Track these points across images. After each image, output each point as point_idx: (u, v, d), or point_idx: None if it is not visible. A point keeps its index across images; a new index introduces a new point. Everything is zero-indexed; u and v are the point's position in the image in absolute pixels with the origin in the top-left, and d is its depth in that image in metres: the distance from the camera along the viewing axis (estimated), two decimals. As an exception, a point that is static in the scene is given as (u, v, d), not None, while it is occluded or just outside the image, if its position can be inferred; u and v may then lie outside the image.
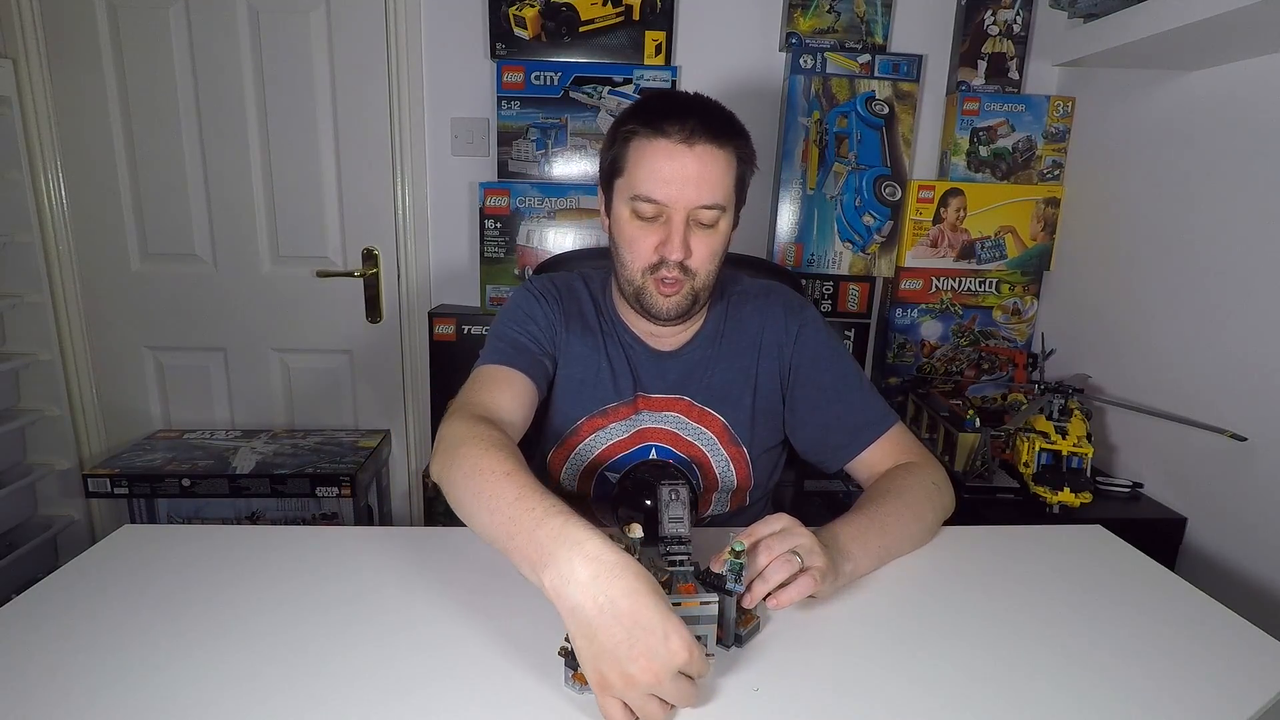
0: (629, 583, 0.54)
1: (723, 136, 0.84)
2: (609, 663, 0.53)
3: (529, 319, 0.95)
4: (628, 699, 0.53)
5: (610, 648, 0.52)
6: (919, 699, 0.60)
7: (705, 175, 0.83)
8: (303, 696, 0.58)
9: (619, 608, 0.53)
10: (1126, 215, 1.48)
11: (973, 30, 1.67)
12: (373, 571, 0.77)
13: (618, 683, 0.53)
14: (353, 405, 1.93)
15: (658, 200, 0.83)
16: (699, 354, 0.97)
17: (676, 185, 0.82)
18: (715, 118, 0.85)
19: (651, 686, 0.52)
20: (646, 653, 0.52)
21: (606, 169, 0.90)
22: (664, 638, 0.52)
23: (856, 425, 0.93)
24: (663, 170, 0.83)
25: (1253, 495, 1.17)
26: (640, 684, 0.52)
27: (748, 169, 0.89)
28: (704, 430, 0.96)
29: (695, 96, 0.88)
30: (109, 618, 0.67)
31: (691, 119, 0.82)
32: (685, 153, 0.82)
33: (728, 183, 0.85)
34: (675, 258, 0.84)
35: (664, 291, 0.87)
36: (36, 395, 1.82)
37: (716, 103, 0.88)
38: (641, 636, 0.52)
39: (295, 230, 1.81)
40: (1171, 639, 0.69)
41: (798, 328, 0.97)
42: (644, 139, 0.84)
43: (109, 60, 1.71)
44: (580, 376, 0.96)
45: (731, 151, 0.85)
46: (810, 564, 0.68)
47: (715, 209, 0.84)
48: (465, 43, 1.69)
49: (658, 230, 0.85)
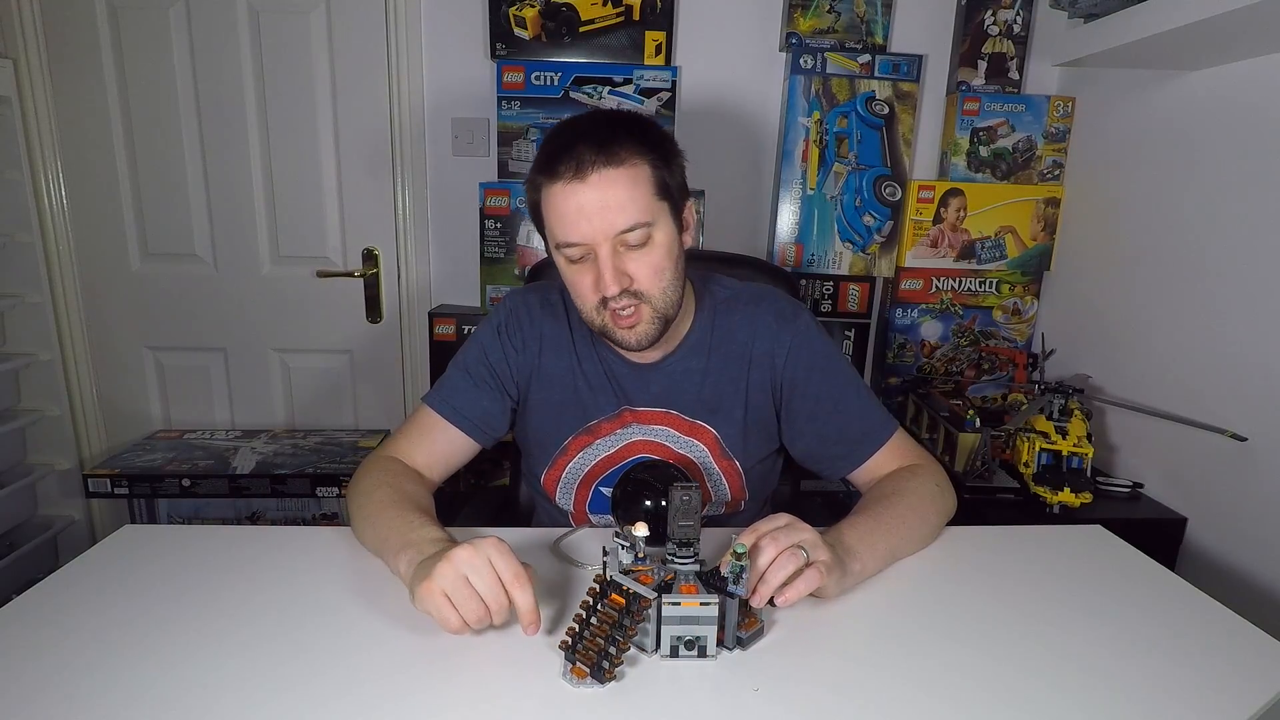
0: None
1: (617, 154, 0.79)
2: (439, 568, 0.63)
3: (485, 358, 0.95)
4: (448, 587, 0.63)
5: (440, 554, 0.65)
6: (919, 699, 0.60)
7: (609, 201, 0.79)
8: (303, 696, 0.58)
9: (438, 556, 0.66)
10: (1126, 215, 1.48)
11: (973, 30, 1.67)
12: (373, 572, 0.77)
13: (439, 573, 0.63)
14: (353, 405, 1.93)
15: (575, 242, 0.81)
16: (684, 365, 0.94)
17: (585, 222, 0.79)
18: (606, 137, 0.79)
19: (465, 563, 0.63)
20: (465, 544, 0.65)
21: (533, 221, 0.88)
22: (477, 539, 0.65)
23: (857, 435, 0.92)
24: (568, 212, 0.80)
25: (1253, 495, 1.17)
26: (456, 560, 0.63)
27: (668, 171, 0.83)
28: (695, 443, 0.95)
29: (584, 120, 0.84)
30: (109, 618, 0.67)
31: (579, 147, 0.79)
32: (580, 187, 0.79)
33: (642, 196, 0.80)
34: (611, 292, 0.81)
35: (623, 324, 0.84)
36: (36, 395, 1.82)
37: (613, 116, 0.84)
38: (463, 544, 0.65)
39: (295, 230, 1.81)
40: (1171, 639, 0.69)
41: (790, 338, 0.93)
42: (546, 185, 0.81)
43: (109, 60, 1.71)
44: (558, 399, 0.96)
45: (636, 163, 0.80)
46: (815, 558, 0.68)
47: (638, 228, 0.80)
48: (465, 43, 1.69)
49: (591, 269, 0.82)
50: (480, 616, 0.63)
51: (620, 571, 0.64)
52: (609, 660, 0.58)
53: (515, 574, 0.63)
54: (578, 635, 0.60)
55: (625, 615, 0.61)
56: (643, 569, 0.65)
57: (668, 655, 0.63)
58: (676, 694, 0.59)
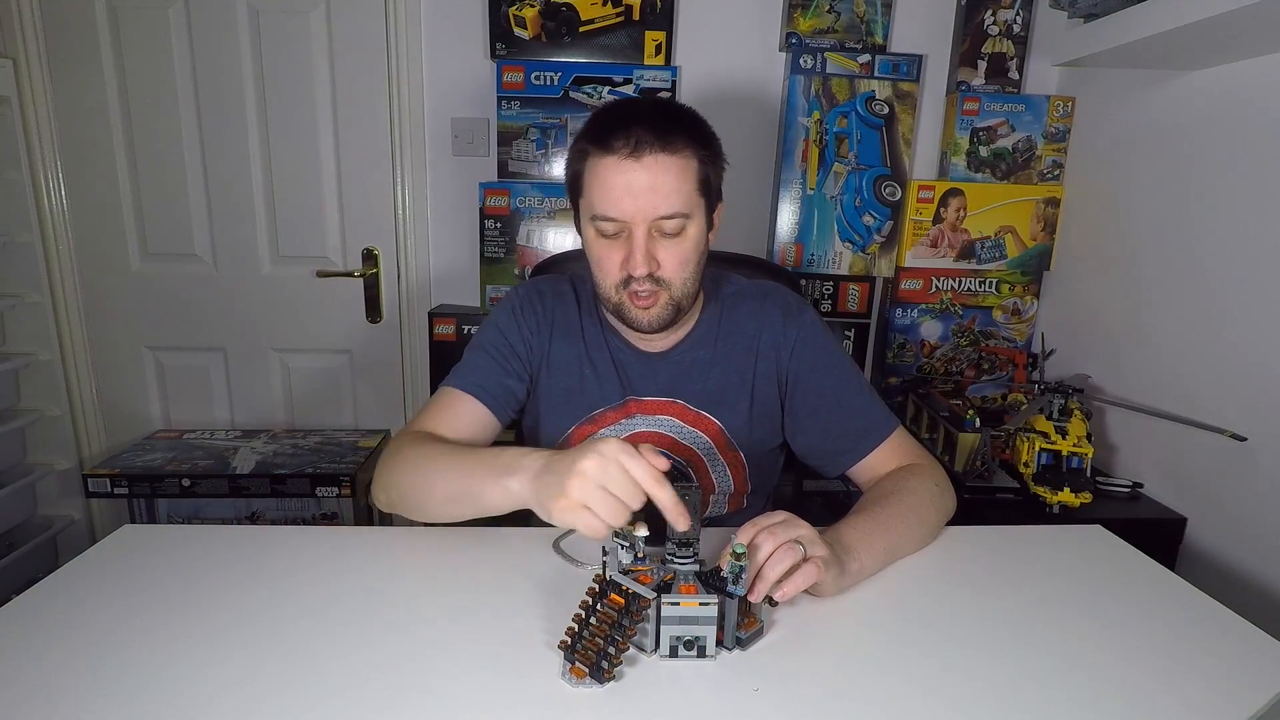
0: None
1: (674, 143, 0.81)
2: (572, 483, 0.63)
3: (503, 338, 0.95)
4: (589, 500, 0.63)
5: (563, 465, 0.65)
6: (919, 699, 0.60)
7: (659, 186, 0.80)
8: (303, 696, 0.58)
9: (563, 453, 0.67)
10: (1126, 215, 1.48)
11: (973, 30, 1.67)
12: (373, 571, 0.77)
13: (575, 488, 0.63)
14: (353, 405, 1.93)
15: (615, 218, 0.82)
16: (692, 355, 0.96)
17: (630, 200, 0.80)
18: (665, 123, 0.81)
19: (599, 472, 0.63)
20: (590, 452, 0.64)
21: (570, 189, 0.89)
22: (600, 443, 0.64)
23: (857, 431, 0.93)
24: (615, 187, 0.81)
25: (1253, 495, 1.17)
26: (589, 472, 0.63)
27: (712, 169, 0.86)
28: (700, 434, 0.95)
29: (644, 103, 0.86)
30: (109, 618, 0.67)
31: (637, 129, 0.80)
32: (633, 166, 0.80)
33: (687, 188, 0.82)
34: (640, 273, 0.83)
35: (640, 305, 0.86)
36: (36, 395, 1.82)
37: (670, 105, 0.86)
38: (585, 448, 0.65)
39: (295, 230, 1.81)
40: (1171, 639, 0.69)
41: (796, 332, 0.95)
42: (595, 157, 0.82)
43: (109, 60, 1.71)
44: (565, 385, 0.96)
45: (688, 155, 0.82)
46: (812, 554, 0.68)
47: (677, 217, 0.82)
48: (465, 43, 1.69)
49: (621, 246, 0.84)
50: (624, 517, 0.64)
51: (620, 571, 0.64)
52: (608, 660, 0.58)
53: (648, 474, 0.64)
54: (577, 635, 0.60)
55: (624, 615, 0.61)
56: (642, 569, 0.65)
57: (667, 655, 0.63)
58: (676, 694, 0.59)
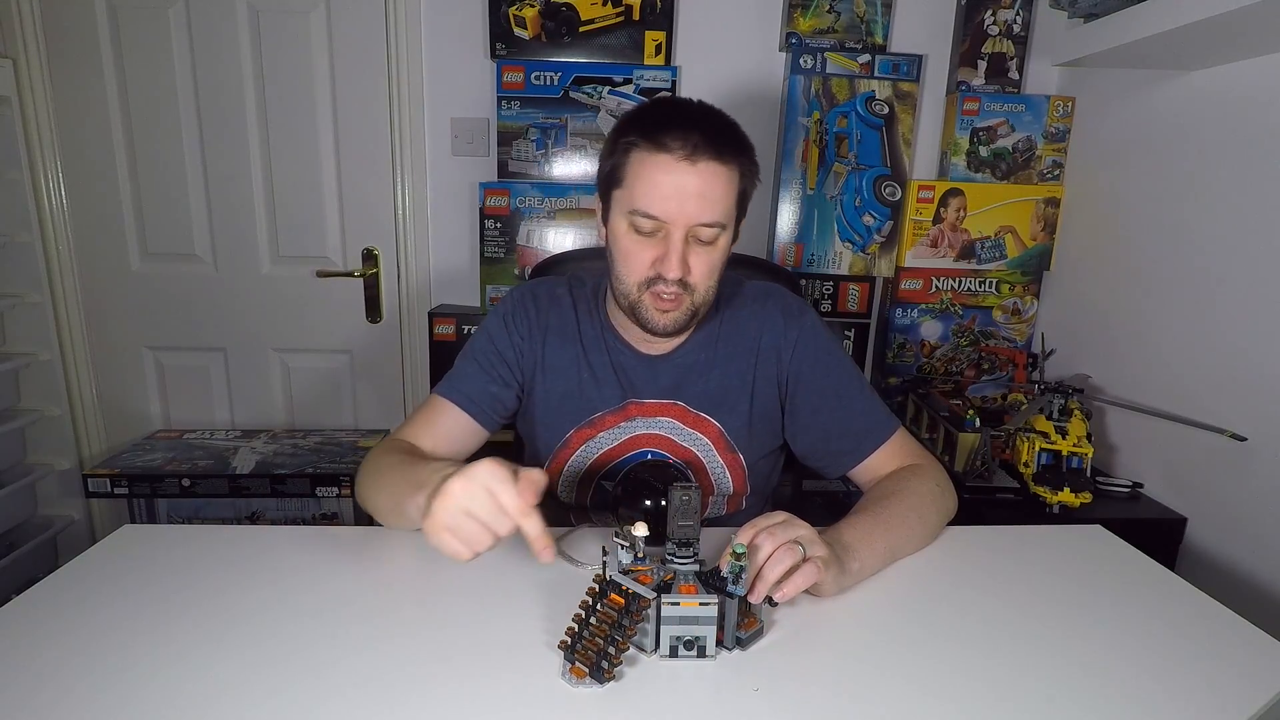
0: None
1: (727, 152, 0.81)
2: (437, 504, 0.63)
3: (492, 346, 0.95)
4: (449, 522, 0.63)
5: (438, 500, 0.64)
6: (919, 699, 0.60)
7: (707, 193, 0.80)
8: (303, 696, 0.58)
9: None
10: (1126, 215, 1.48)
11: (973, 30, 1.67)
12: (373, 571, 0.77)
13: (437, 509, 0.63)
14: (353, 405, 1.93)
15: (657, 217, 0.81)
16: (692, 358, 0.95)
17: (677, 202, 0.80)
18: (720, 132, 0.82)
19: (462, 494, 0.62)
20: (460, 474, 0.64)
21: (605, 178, 0.87)
22: (474, 466, 0.64)
23: (858, 432, 0.92)
24: (663, 186, 0.80)
25: (1253, 495, 1.17)
26: (453, 493, 0.62)
27: (750, 184, 0.86)
28: (699, 436, 0.95)
29: (700, 107, 0.85)
30: (109, 618, 0.67)
31: (696, 133, 0.79)
32: (688, 169, 0.79)
33: (729, 200, 0.83)
34: (673, 276, 0.82)
35: (661, 307, 0.85)
36: (36, 395, 1.82)
37: (721, 114, 0.86)
38: (460, 471, 0.64)
39: (295, 230, 1.81)
40: (1171, 639, 0.69)
41: (796, 333, 0.94)
42: (645, 152, 0.81)
43: (109, 60, 1.71)
44: (562, 389, 0.96)
45: (735, 168, 0.83)
46: (812, 554, 0.68)
47: (715, 227, 0.82)
48: (465, 43, 1.69)
49: (655, 246, 0.83)
50: (488, 544, 0.64)
51: (620, 571, 0.64)
52: (608, 660, 0.58)
53: (516, 505, 0.62)
54: (577, 635, 0.60)
55: (624, 615, 0.61)
56: (642, 569, 0.65)
57: (667, 655, 0.63)
58: (676, 694, 0.59)
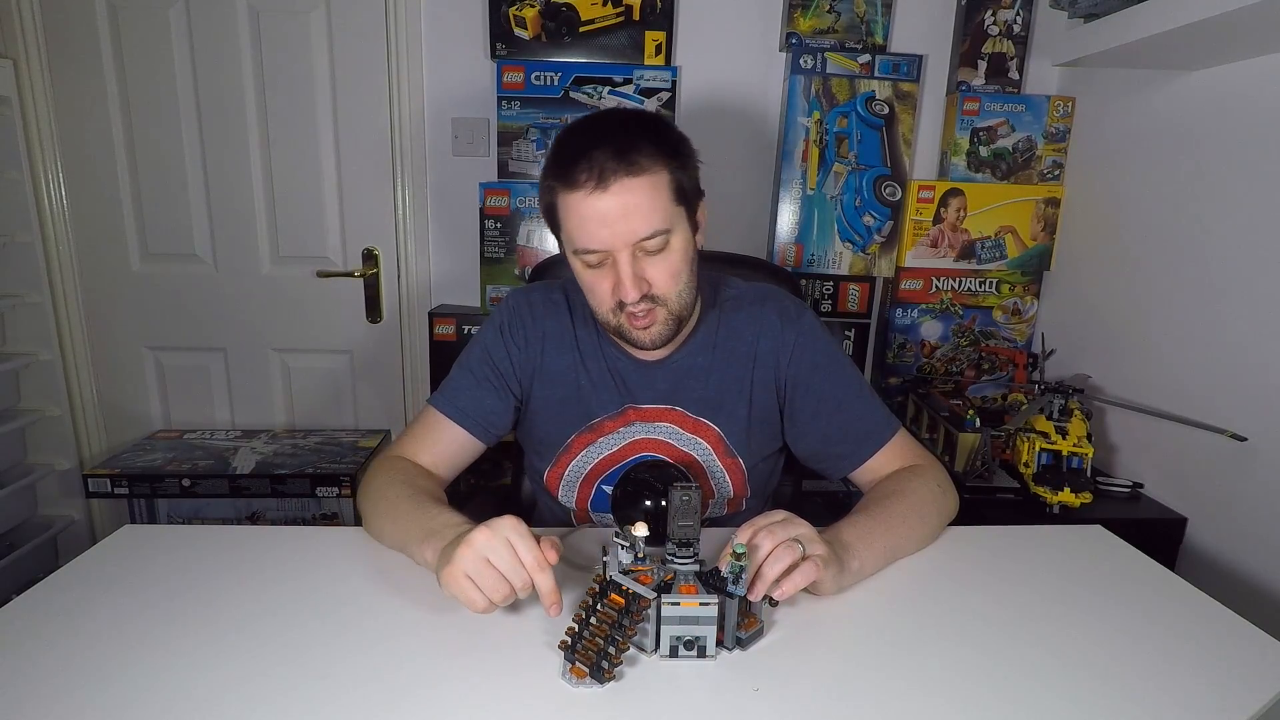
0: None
1: (638, 162, 0.78)
2: (460, 551, 0.65)
3: (488, 357, 0.95)
4: (469, 569, 0.64)
5: (461, 548, 0.65)
6: (918, 699, 0.60)
7: (631, 210, 0.78)
8: (302, 696, 0.58)
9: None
10: (1126, 215, 1.48)
11: (973, 30, 1.67)
12: (373, 572, 0.77)
13: (459, 556, 0.64)
14: (353, 405, 1.93)
15: (595, 249, 0.81)
16: (690, 362, 0.95)
17: (606, 229, 0.79)
18: (625, 145, 0.78)
19: (484, 544, 0.64)
20: (484, 525, 0.66)
21: (548, 222, 0.87)
22: (497, 520, 0.66)
23: (859, 434, 0.92)
24: (589, 221, 0.79)
25: (1253, 495, 1.17)
26: (475, 543, 0.64)
27: (683, 175, 0.83)
28: (699, 440, 0.95)
29: (603, 123, 0.83)
30: (109, 618, 0.67)
31: (599, 157, 0.77)
32: (602, 196, 0.78)
33: (661, 204, 0.80)
34: (630, 299, 0.82)
35: (638, 325, 0.85)
36: (36, 395, 1.82)
37: (629, 119, 0.83)
38: (483, 524, 0.67)
39: (295, 230, 1.81)
40: (1171, 639, 0.69)
41: (794, 336, 0.94)
42: (563, 192, 0.80)
43: (109, 60, 1.71)
44: (561, 395, 0.96)
45: (655, 170, 0.80)
46: (811, 552, 0.68)
47: (657, 235, 0.80)
48: (465, 43, 1.69)
49: (609, 274, 0.82)
50: (505, 595, 0.65)
51: (620, 571, 0.64)
52: (608, 660, 0.58)
53: (534, 559, 0.65)
54: (577, 635, 0.60)
55: (625, 615, 0.61)
56: (642, 569, 0.65)
57: (667, 655, 0.63)
58: (676, 694, 0.59)
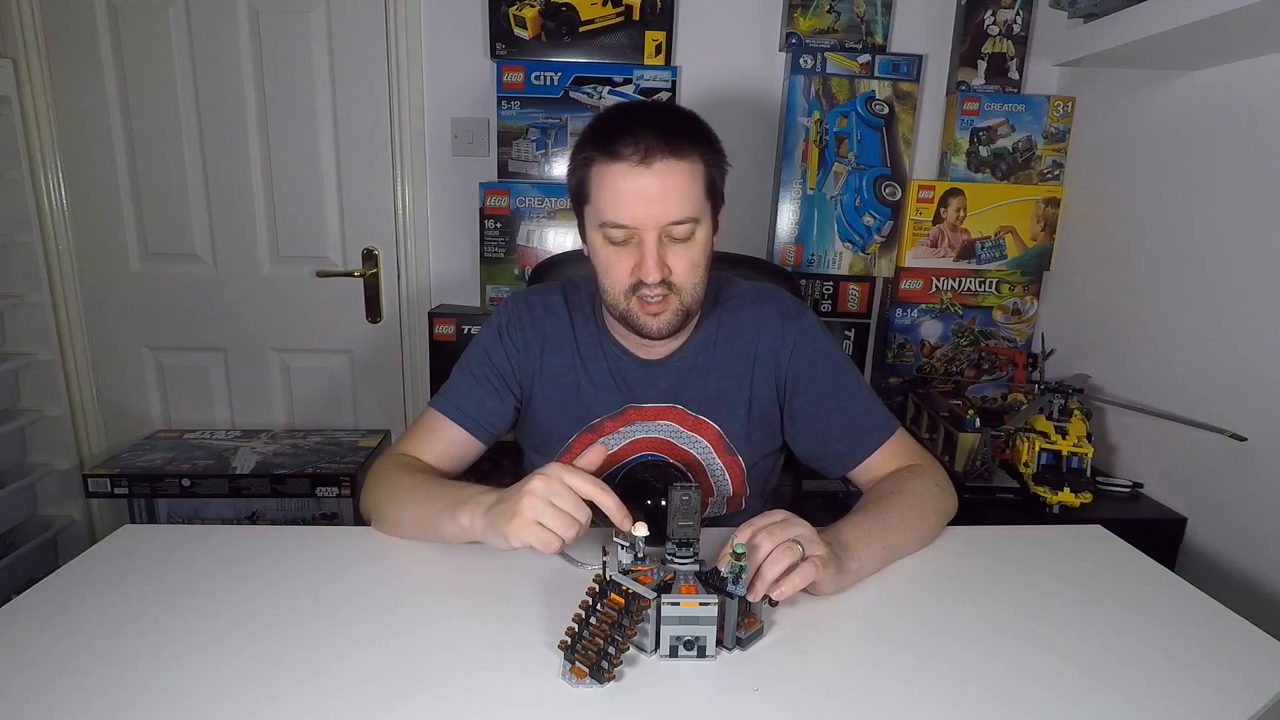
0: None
1: (682, 148, 0.80)
2: (525, 503, 0.69)
3: (488, 358, 0.96)
4: (539, 516, 0.69)
5: (513, 493, 0.71)
6: (918, 699, 0.60)
7: (669, 191, 0.80)
8: (302, 696, 0.58)
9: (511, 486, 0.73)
10: (1126, 215, 1.48)
11: (973, 30, 1.67)
12: (373, 572, 0.77)
13: (526, 506, 0.69)
14: (353, 405, 1.93)
15: (625, 225, 0.81)
16: (690, 361, 0.95)
17: (641, 207, 0.80)
18: (671, 129, 0.81)
19: (545, 490, 0.69)
20: (536, 474, 0.71)
21: (574, 195, 0.88)
22: (544, 467, 0.72)
23: (858, 433, 0.93)
24: (625, 194, 0.80)
25: (1253, 495, 1.17)
26: (537, 491, 0.69)
27: (717, 172, 0.86)
28: (698, 439, 0.95)
29: (649, 107, 0.85)
30: (109, 618, 0.67)
31: (645, 135, 0.79)
32: (644, 173, 0.79)
33: (695, 193, 0.82)
34: (652, 279, 0.82)
35: (649, 311, 0.85)
36: (36, 395, 1.82)
37: (674, 109, 0.86)
38: (530, 475, 0.72)
39: (295, 230, 1.81)
40: (1171, 639, 0.69)
41: (795, 336, 0.95)
42: (601, 164, 0.81)
43: (109, 60, 1.71)
44: (561, 396, 0.96)
45: (695, 160, 0.82)
46: (811, 552, 0.68)
47: (687, 222, 0.82)
48: (465, 43, 1.69)
49: (631, 253, 0.83)
50: (575, 532, 0.70)
51: (620, 571, 0.64)
52: (608, 660, 0.58)
53: (592, 484, 0.71)
54: (577, 635, 0.60)
55: (624, 615, 0.61)
56: (642, 569, 0.65)
57: (667, 655, 0.63)
58: (676, 694, 0.59)
